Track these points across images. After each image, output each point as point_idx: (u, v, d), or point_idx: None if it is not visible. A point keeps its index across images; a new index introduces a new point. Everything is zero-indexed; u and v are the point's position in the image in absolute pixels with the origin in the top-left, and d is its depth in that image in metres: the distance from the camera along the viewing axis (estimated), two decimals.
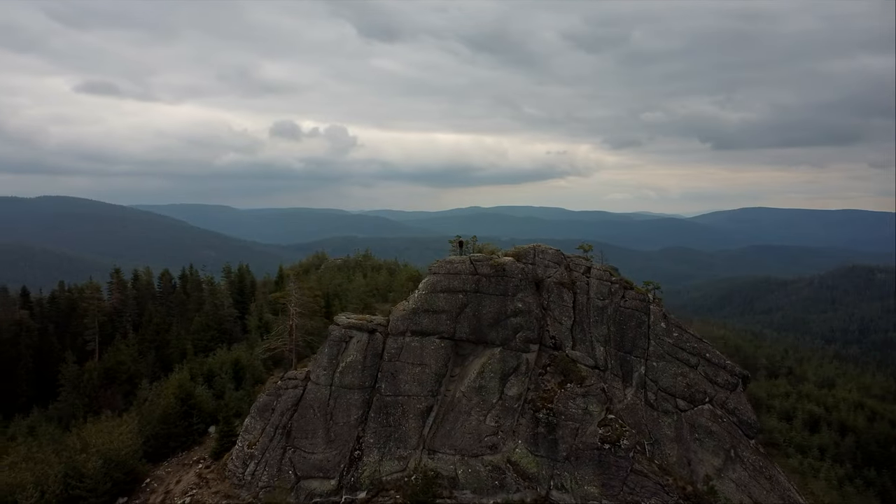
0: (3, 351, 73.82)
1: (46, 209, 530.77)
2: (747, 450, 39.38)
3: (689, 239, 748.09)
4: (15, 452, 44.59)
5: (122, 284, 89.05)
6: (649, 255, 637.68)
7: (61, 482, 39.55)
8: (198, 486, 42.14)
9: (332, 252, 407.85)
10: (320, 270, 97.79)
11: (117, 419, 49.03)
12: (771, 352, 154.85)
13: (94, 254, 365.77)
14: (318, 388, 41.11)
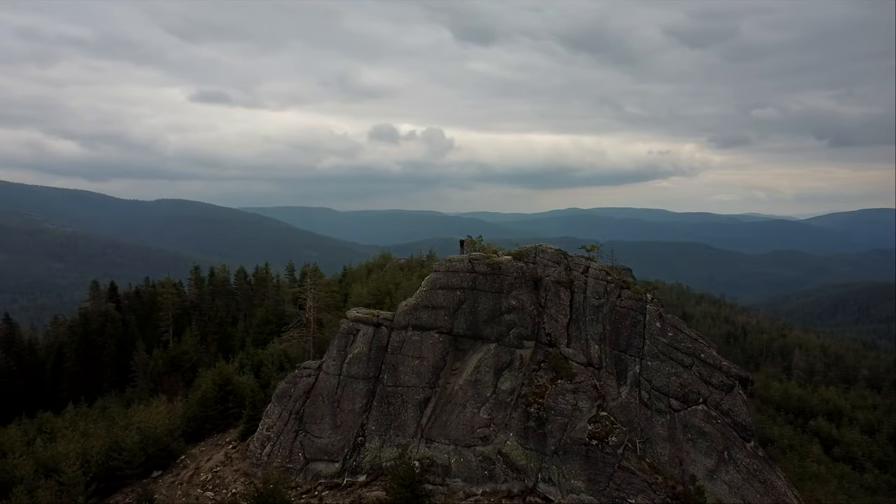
0: (90, 340, 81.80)
1: (164, 211, 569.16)
2: (741, 452, 38.98)
3: (802, 242, 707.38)
4: (73, 428, 50.29)
5: (199, 280, 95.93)
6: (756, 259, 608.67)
7: (104, 454, 44.52)
8: (223, 463, 46.11)
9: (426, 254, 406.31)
10: (385, 269, 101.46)
11: (163, 401, 54.12)
12: (876, 363, 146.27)
13: (205, 253, 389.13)
14: (328, 378, 44.12)
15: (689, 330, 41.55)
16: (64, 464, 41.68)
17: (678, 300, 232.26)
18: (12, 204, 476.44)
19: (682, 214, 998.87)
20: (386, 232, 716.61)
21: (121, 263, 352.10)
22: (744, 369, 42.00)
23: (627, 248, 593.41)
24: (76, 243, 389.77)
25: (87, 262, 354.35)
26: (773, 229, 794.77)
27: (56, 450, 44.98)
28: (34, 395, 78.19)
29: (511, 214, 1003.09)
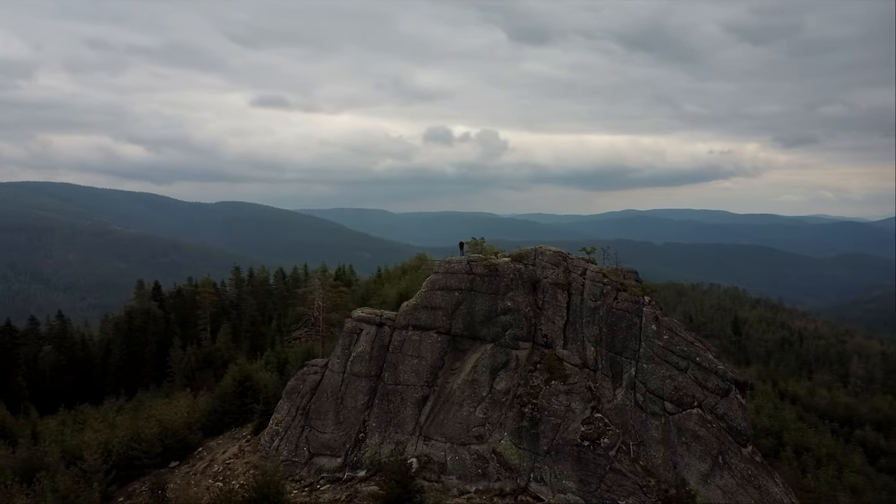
0: (133, 337, 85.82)
1: (224, 213, 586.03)
2: (736, 457, 38.56)
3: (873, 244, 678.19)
4: (103, 419, 53.24)
5: (239, 281, 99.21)
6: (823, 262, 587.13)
7: (125, 444, 47.08)
8: (236, 456, 48.09)
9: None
10: (419, 271, 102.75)
11: (187, 396, 56.67)
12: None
13: (262, 254, 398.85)
14: (333, 375, 45.59)
15: (686, 333, 41.28)
16: (86, 452, 44.26)
17: (732, 304, 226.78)
18: (83, 207, 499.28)
19: (745, 216, 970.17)
20: (440, 233, 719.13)
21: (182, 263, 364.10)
22: (743, 374, 41.48)
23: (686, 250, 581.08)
24: (141, 244, 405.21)
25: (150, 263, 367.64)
26: (842, 231, 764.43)
27: (82, 439, 47.77)
28: (84, 389, 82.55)
29: (566, 216, 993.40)
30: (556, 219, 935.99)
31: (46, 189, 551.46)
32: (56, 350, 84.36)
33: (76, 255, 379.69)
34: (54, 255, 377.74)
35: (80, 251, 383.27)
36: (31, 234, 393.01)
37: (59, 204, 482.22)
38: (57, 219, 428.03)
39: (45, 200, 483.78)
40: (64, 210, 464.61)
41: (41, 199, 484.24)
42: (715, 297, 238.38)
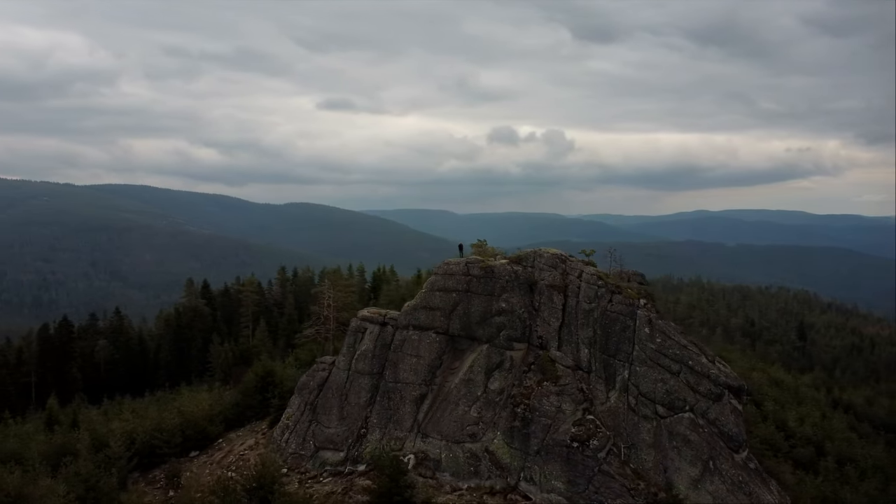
0: (181, 333, 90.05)
1: (292, 214, 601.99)
2: (727, 463, 38.06)
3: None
4: (133, 409, 56.55)
5: (284, 280, 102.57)
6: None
7: (148, 433, 49.99)
8: (251, 448, 50.33)
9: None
10: None
11: (216, 389, 59.48)
12: None
13: (327, 254, 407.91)
14: (339, 372, 47.23)
15: (680, 336, 40.95)
16: (111, 440, 47.27)
17: (800, 308, 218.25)
18: (160, 208, 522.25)
19: (825, 217, 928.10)
20: (504, 234, 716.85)
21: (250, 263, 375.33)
22: (739, 378, 40.84)
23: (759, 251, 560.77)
24: (212, 244, 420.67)
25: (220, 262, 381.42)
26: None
27: (110, 427, 50.97)
28: (135, 381, 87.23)
29: (634, 217, 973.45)
30: (624, 220, 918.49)
31: (126, 191, 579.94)
32: (110, 344, 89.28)
33: (152, 255, 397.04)
34: (132, 255, 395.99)
35: (156, 251, 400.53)
36: (111, 234, 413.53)
37: (137, 205, 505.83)
38: (135, 219, 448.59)
39: (125, 202, 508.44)
40: (142, 211, 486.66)
41: (122, 201, 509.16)
42: (782, 300, 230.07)
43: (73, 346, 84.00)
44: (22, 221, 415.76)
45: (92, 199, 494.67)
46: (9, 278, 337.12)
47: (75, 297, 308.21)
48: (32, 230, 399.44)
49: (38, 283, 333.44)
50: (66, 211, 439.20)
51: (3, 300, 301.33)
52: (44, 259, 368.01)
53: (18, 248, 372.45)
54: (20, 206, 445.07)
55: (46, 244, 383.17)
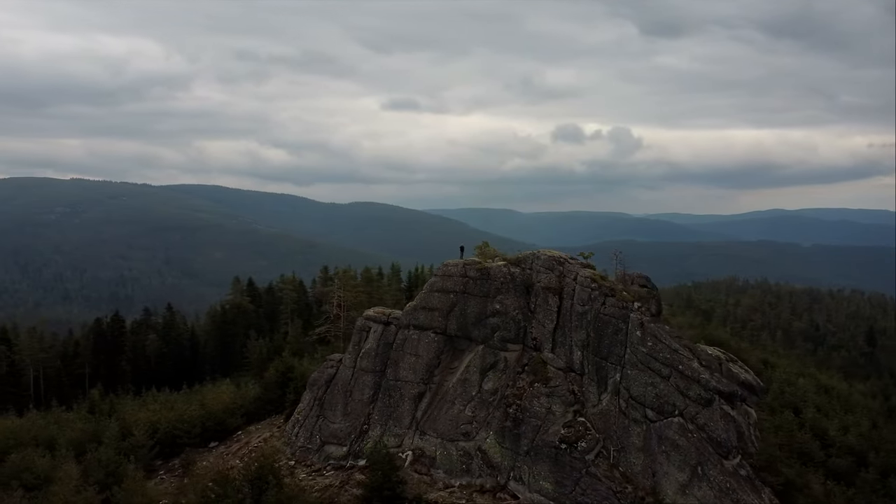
0: (225, 329, 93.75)
1: (357, 213, 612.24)
2: (715, 469, 37.61)
3: None
4: (159, 401, 59.67)
5: (326, 278, 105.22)
6: None
7: (171, 424, 52.78)
8: (266, 441, 52.45)
9: (608, 256, 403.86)
10: None
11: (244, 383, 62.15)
12: None
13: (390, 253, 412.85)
14: (345, 369, 48.77)
15: (671, 340, 40.57)
16: (135, 429, 50.24)
17: (872, 312, 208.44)
18: (230, 207, 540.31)
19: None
20: (568, 234, 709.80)
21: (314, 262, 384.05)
22: (731, 384, 40.17)
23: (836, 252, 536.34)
24: (279, 243, 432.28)
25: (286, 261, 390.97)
26: None
27: (137, 417, 54.05)
28: (182, 374, 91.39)
29: (705, 216, 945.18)
30: (694, 219, 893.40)
31: (199, 191, 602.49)
32: (160, 339, 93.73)
33: (222, 253, 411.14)
34: (203, 253, 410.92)
35: (226, 249, 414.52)
36: (184, 232, 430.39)
37: (209, 205, 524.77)
38: (207, 219, 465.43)
39: (197, 202, 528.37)
40: (213, 210, 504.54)
41: (195, 201, 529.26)
42: (854, 304, 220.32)
43: (124, 339, 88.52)
44: (102, 220, 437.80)
45: (167, 198, 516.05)
46: (89, 275, 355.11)
47: (149, 293, 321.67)
48: (112, 229, 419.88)
49: (115, 280, 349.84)
50: (142, 210, 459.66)
51: (83, 295, 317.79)
52: (121, 256, 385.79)
53: (98, 246, 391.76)
54: (101, 206, 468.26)
55: (124, 242, 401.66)
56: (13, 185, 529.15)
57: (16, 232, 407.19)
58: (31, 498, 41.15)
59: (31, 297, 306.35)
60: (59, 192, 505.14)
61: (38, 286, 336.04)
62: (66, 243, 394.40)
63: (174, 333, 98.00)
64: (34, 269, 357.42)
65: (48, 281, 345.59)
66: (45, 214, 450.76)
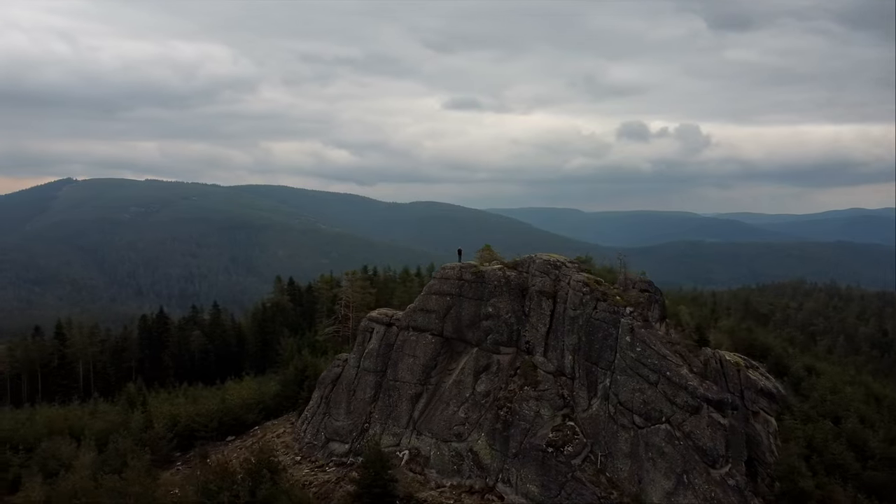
0: (265, 326, 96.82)
1: (417, 213, 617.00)
2: (701, 477, 36.93)
3: None
4: (185, 395, 62.33)
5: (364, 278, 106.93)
6: None
7: (190, 417, 55.18)
8: (279, 436, 54.24)
9: (673, 257, 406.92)
10: None
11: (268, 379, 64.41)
12: None
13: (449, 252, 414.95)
14: (350, 369, 49.99)
15: (661, 346, 39.98)
16: (156, 421, 52.80)
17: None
18: (295, 207, 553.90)
19: None
20: (632, 234, 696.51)
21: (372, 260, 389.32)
22: (721, 392, 39.28)
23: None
24: (340, 242, 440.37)
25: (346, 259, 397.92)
26: None
27: (161, 409, 56.73)
28: (225, 369, 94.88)
29: (778, 216, 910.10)
30: (767, 219, 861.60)
31: (265, 192, 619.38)
32: (203, 335, 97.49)
33: (285, 251, 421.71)
34: (267, 251, 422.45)
35: (289, 247, 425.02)
36: (249, 231, 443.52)
37: (274, 205, 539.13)
38: (271, 218, 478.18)
39: (263, 202, 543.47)
40: (278, 210, 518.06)
41: (261, 201, 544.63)
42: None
43: (168, 335, 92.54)
44: (174, 220, 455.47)
45: (234, 198, 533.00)
46: (160, 272, 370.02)
47: (216, 290, 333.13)
48: (182, 228, 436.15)
49: (184, 277, 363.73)
50: (211, 210, 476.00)
51: (154, 291, 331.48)
52: (191, 254, 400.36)
53: (170, 244, 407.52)
54: (173, 206, 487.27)
55: (193, 241, 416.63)
56: (93, 186, 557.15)
57: (94, 231, 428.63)
58: (50, 483, 43.89)
59: (107, 293, 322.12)
60: (135, 192, 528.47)
61: (114, 282, 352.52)
62: (140, 241, 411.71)
63: (219, 330, 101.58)
64: (110, 266, 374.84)
65: (122, 277, 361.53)
66: (121, 214, 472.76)
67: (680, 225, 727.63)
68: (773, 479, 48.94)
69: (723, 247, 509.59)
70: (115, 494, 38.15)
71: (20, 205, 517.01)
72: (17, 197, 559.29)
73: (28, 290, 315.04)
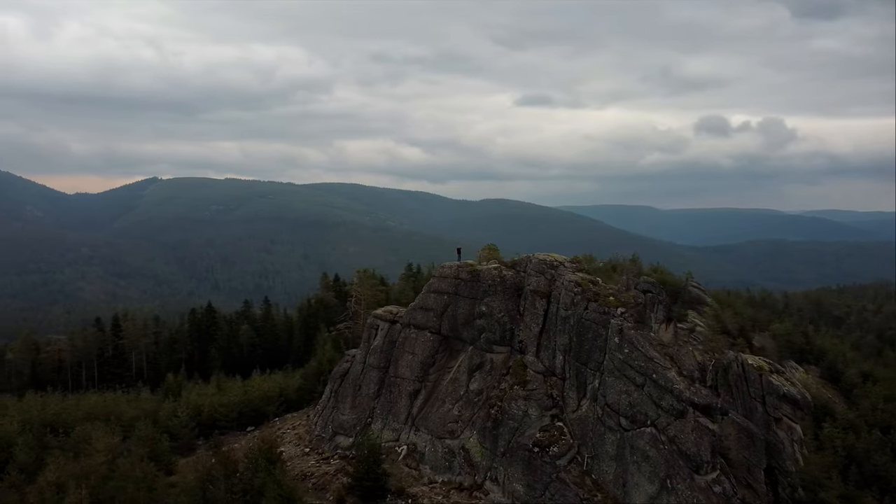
0: (309, 321, 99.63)
1: (487, 210, 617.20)
2: (683, 483, 36.03)
3: None
4: (215, 387, 65.06)
5: (408, 276, 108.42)
6: None
7: (213, 408, 57.66)
8: (294, 428, 56.00)
9: (753, 256, 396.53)
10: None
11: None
12: None
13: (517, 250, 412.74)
14: (356, 365, 51.14)
15: (649, 348, 39.13)
16: (180, 410, 55.49)
17: None
18: (366, 205, 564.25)
19: None
20: (710, 232, 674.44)
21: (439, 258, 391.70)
22: (710, 396, 38.11)
23: None
24: (409, 239, 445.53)
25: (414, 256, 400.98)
26: None
27: (188, 400, 59.51)
28: (272, 362, 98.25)
29: (869, 213, 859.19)
30: (856, 216, 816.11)
31: (339, 189, 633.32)
32: (252, 329, 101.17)
33: (356, 248, 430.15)
34: (339, 248, 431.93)
35: (360, 244, 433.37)
36: (322, 229, 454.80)
37: (346, 202, 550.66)
38: (343, 215, 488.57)
39: (336, 199, 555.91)
40: (350, 208, 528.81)
41: (333, 199, 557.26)
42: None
43: (216, 329, 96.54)
44: (251, 217, 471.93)
45: (308, 196, 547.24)
46: (237, 267, 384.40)
47: (288, 286, 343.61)
48: (258, 225, 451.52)
49: (259, 272, 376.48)
50: (286, 207, 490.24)
51: (230, 286, 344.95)
52: (265, 251, 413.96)
53: (246, 241, 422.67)
54: (250, 204, 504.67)
55: (268, 238, 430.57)
56: (176, 185, 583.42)
57: (176, 228, 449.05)
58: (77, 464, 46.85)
59: (186, 287, 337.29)
60: (215, 191, 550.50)
61: (193, 277, 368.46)
62: (219, 238, 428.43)
63: (269, 325, 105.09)
64: (190, 262, 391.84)
65: (201, 272, 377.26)
66: (201, 211, 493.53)
67: (761, 223, 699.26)
68: (794, 488, 47.20)
69: (807, 246, 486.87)
70: (119, 477, 40.41)
71: (110, 203, 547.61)
72: (108, 196, 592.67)
73: (114, 283, 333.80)
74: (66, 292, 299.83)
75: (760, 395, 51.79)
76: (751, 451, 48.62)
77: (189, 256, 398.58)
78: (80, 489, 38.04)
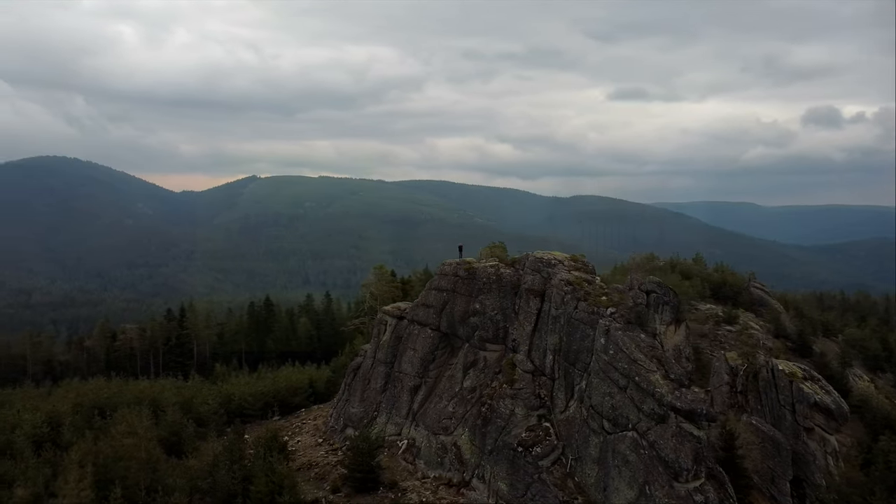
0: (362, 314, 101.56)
1: (577, 207, 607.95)
2: (661, 490, 34.67)
3: None
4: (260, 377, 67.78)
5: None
6: None
7: (243, 397, 60.13)
8: (315, 418, 57.59)
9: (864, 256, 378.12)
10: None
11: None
12: None
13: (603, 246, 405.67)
14: (367, 360, 52.03)
15: (634, 350, 37.78)
16: (210, 398, 58.27)
17: None
18: (454, 202, 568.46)
19: None
20: (818, 230, 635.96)
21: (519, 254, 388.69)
22: (695, 402, 36.33)
23: None
24: (492, 236, 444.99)
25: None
26: None
27: (221, 389, 62.32)
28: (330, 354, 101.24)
29: None
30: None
31: (427, 187, 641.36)
32: (311, 321, 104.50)
33: (443, 245, 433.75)
34: (425, 245, 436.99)
35: (446, 241, 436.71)
36: (409, 225, 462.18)
37: (435, 199, 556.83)
38: (431, 212, 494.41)
39: (425, 196, 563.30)
40: (438, 205, 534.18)
41: (422, 196, 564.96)
42: None
43: (273, 321, 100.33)
44: (342, 214, 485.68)
45: (397, 193, 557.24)
46: (327, 262, 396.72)
47: None
48: (349, 221, 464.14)
49: (348, 268, 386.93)
50: (375, 205, 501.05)
51: (320, 281, 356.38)
52: (354, 247, 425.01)
53: (336, 237, 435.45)
54: (342, 201, 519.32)
55: (357, 234, 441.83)
56: (274, 183, 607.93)
57: (272, 224, 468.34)
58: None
59: (279, 281, 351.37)
60: (309, 188, 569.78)
61: (285, 271, 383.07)
62: (311, 234, 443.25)
63: (329, 318, 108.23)
64: (283, 257, 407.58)
65: (293, 267, 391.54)
66: (296, 208, 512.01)
67: (875, 220, 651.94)
68: (823, 502, 44.71)
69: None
70: (125, 458, 42.98)
71: (213, 200, 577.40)
72: (212, 193, 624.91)
73: (213, 276, 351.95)
74: (168, 285, 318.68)
75: (790, 402, 49.27)
76: (775, 460, 46.42)
77: (283, 251, 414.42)
78: (83, 468, 40.60)
